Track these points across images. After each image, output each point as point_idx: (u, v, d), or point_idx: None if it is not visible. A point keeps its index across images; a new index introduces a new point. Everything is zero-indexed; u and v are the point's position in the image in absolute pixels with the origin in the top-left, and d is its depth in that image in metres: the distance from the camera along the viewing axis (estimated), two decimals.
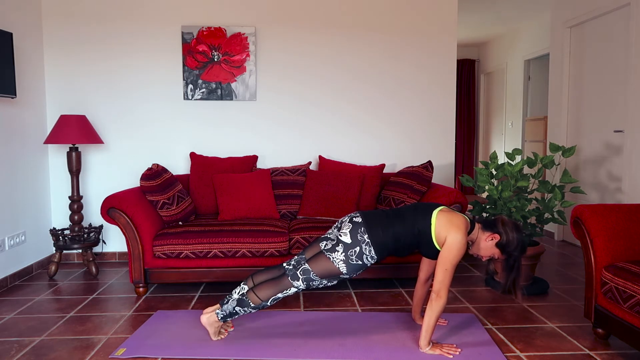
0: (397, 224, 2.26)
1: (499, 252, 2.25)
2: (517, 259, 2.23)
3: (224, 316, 2.32)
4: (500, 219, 2.28)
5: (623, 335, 2.17)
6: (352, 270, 2.27)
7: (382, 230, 2.25)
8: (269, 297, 2.28)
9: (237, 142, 4.04)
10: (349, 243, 2.24)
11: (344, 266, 2.24)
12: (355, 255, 2.24)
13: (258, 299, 2.28)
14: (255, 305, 2.29)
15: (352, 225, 2.28)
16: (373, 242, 2.23)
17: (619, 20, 3.90)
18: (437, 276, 2.17)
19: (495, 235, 2.24)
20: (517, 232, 2.22)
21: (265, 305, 2.31)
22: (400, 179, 3.50)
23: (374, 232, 2.24)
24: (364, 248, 2.24)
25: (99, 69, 3.91)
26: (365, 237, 2.24)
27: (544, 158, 3.15)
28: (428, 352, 2.22)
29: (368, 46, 4.06)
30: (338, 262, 2.24)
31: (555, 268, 3.72)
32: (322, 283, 2.30)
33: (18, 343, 2.38)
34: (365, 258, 2.25)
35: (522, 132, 6.51)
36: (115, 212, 2.97)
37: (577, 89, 4.46)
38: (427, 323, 2.20)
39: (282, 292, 2.28)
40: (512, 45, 6.78)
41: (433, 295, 2.17)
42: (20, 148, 3.52)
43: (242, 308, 2.29)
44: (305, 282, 2.27)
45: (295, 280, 2.27)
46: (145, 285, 3.09)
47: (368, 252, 2.24)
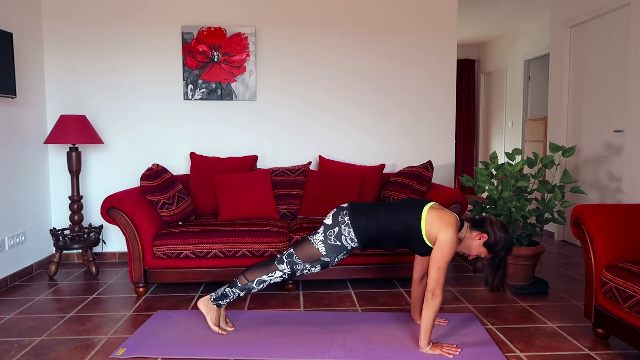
0: (382, 212, 2.30)
1: (486, 251, 2.28)
2: (503, 258, 2.27)
3: (216, 298, 2.43)
4: (489, 219, 2.31)
5: (623, 335, 2.17)
6: (331, 251, 2.30)
7: (365, 216, 2.30)
8: (255, 278, 2.38)
9: (237, 142, 4.04)
10: (329, 224, 2.32)
11: (322, 247, 2.30)
12: (333, 235, 2.29)
13: (245, 279, 2.39)
14: (242, 286, 2.39)
15: (336, 210, 2.36)
16: (353, 224, 2.28)
17: (619, 20, 3.90)
18: (431, 275, 2.18)
19: (483, 234, 2.26)
20: (505, 232, 2.26)
21: (252, 288, 2.39)
22: (400, 179, 3.50)
23: (356, 216, 2.30)
24: (343, 229, 2.29)
25: (99, 69, 3.91)
26: (346, 219, 2.30)
27: (544, 158, 3.15)
28: (428, 352, 2.22)
29: (368, 46, 4.06)
30: (317, 243, 2.31)
31: (555, 268, 3.72)
32: (305, 267, 2.35)
33: (18, 343, 2.38)
34: (344, 239, 2.29)
35: (522, 132, 6.51)
36: (115, 212, 2.97)
37: (577, 89, 4.46)
38: (425, 323, 2.21)
39: (267, 274, 2.37)
40: (512, 45, 6.78)
41: (428, 295, 2.18)
42: (20, 148, 3.52)
43: (231, 289, 2.40)
44: (289, 266, 2.35)
45: (280, 263, 2.36)
46: (145, 285, 3.09)
47: (347, 234, 2.28)
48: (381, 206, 2.36)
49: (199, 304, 2.48)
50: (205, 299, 2.47)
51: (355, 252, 3.11)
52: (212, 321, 2.45)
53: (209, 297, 2.47)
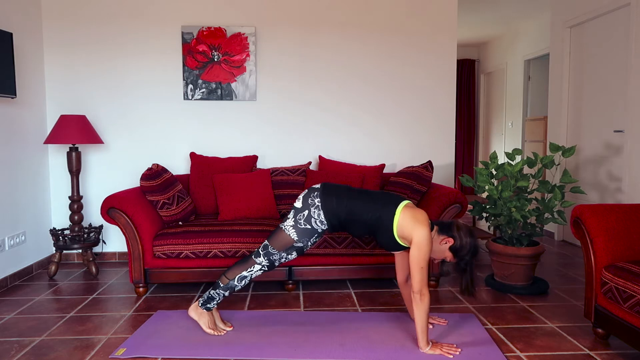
0: (356, 199, 2.32)
1: (451, 255, 2.31)
2: (468, 262, 2.30)
3: (204, 302, 2.45)
4: (455, 223, 2.33)
5: (623, 335, 2.17)
6: (303, 236, 2.32)
7: (337, 199, 2.31)
8: (235, 276, 2.40)
9: (237, 142, 4.04)
10: (299, 207, 2.33)
11: (294, 232, 2.32)
12: (303, 219, 2.31)
13: (226, 279, 2.41)
14: (224, 286, 2.40)
15: (308, 191, 2.36)
16: (323, 207, 2.29)
17: (619, 20, 3.90)
18: (414, 276, 2.19)
19: (449, 239, 2.29)
20: (471, 237, 2.29)
21: (235, 286, 2.41)
22: (400, 179, 3.50)
23: (327, 199, 2.30)
24: (313, 211, 2.30)
25: (99, 69, 3.91)
26: (317, 201, 2.30)
27: (544, 158, 3.15)
28: (428, 352, 2.22)
29: (368, 46, 4.06)
30: (289, 229, 2.33)
31: (555, 268, 3.72)
32: (282, 256, 2.37)
33: (18, 343, 2.38)
34: (314, 222, 2.30)
35: (522, 132, 6.51)
36: (115, 212, 2.97)
37: (577, 89, 4.46)
38: (419, 324, 2.22)
39: (247, 270, 2.40)
40: (512, 45, 6.78)
41: (416, 296, 2.19)
42: (20, 148, 3.52)
43: (215, 291, 2.42)
44: (266, 257, 2.37)
45: (257, 257, 2.39)
46: (145, 285, 3.09)
47: (317, 217, 2.30)
48: (357, 192, 2.36)
49: (190, 312, 2.49)
50: (194, 306, 2.49)
51: (356, 252, 3.11)
52: (206, 325, 2.45)
53: (197, 303, 2.48)
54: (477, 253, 2.31)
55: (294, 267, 3.13)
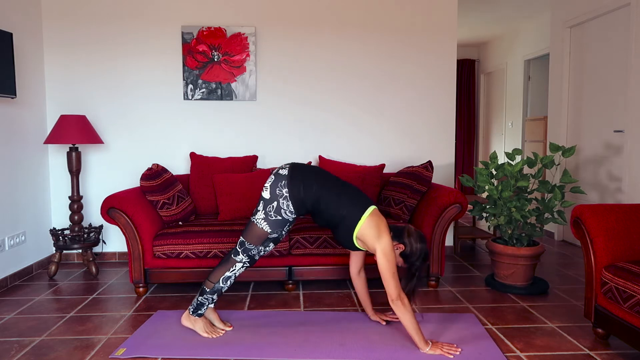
0: (325, 189, 2.30)
1: (402, 260, 2.36)
2: (418, 268, 2.35)
3: (194, 310, 2.45)
4: (407, 229, 2.37)
5: (623, 335, 2.17)
6: (275, 227, 2.33)
7: (305, 187, 2.29)
8: (219, 278, 2.40)
9: (237, 142, 4.04)
10: (267, 199, 2.32)
11: (265, 224, 2.33)
12: (273, 210, 2.31)
13: (211, 283, 2.40)
14: (210, 290, 2.41)
15: (275, 178, 2.33)
16: (291, 197, 2.29)
17: (619, 20, 3.90)
18: (389, 285, 2.20)
19: (400, 245, 2.34)
20: (421, 243, 2.34)
21: (221, 288, 2.41)
22: (400, 179, 3.50)
23: (294, 187, 2.29)
24: (282, 202, 2.30)
25: (99, 69, 3.91)
26: (284, 192, 2.30)
27: (544, 158, 3.15)
28: (429, 352, 2.22)
29: (368, 46, 4.06)
30: (260, 222, 2.33)
31: (555, 268, 3.72)
32: (259, 250, 2.38)
33: (18, 343, 2.38)
34: (284, 213, 2.31)
35: (522, 132, 6.51)
36: (115, 212, 2.97)
37: (577, 89, 4.47)
38: (410, 328, 2.22)
39: (229, 270, 2.40)
40: (512, 45, 6.79)
41: (397, 303, 2.20)
42: (20, 148, 3.52)
43: (202, 296, 2.43)
44: (245, 253, 2.38)
45: (237, 255, 2.39)
46: (145, 285, 3.09)
47: (286, 207, 2.30)
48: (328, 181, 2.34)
49: (183, 322, 2.50)
50: (185, 315, 2.50)
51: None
52: (202, 331, 2.44)
53: (188, 311, 2.48)
54: (427, 260, 2.37)
55: (294, 267, 3.13)
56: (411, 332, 2.22)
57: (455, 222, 4.33)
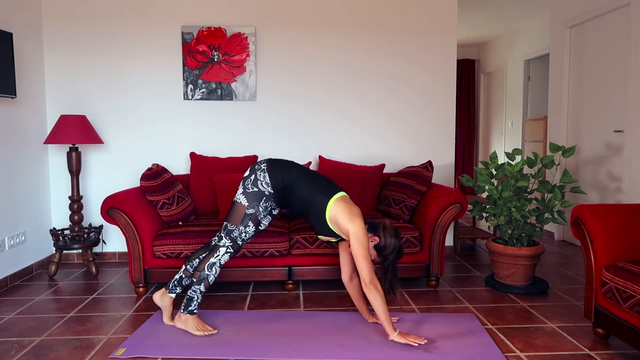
0: (300, 174, 2.43)
1: (375, 254, 2.39)
2: (392, 263, 2.37)
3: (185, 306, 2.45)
4: (382, 223, 2.40)
5: (623, 335, 2.17)
6: (252, 200, 2.40)
7: (281, 169, 2.43)
8: (204, 266, 2.42)
9: (237, 142, 4.04)
10: (246, 175, 2.46)
11: (243, 198, 2.40)
12: (251, 182, 2.41)
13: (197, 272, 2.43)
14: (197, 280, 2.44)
15: (256, 164, 2.48)
16: (268, 170, 2.41)
17: (619, 20, 3.90)
18: (361, 268, 2.25)
19: (374, 237, 2.37)
20: (396, 239, 2.36)
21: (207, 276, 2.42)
22: (400, 179, 3.50)
23: (273, 166, 2.43)
24: (259, 174, 2.42)
25: (99, 69, 3.91)
26: (262, 166, 2.44)
27: (544, 158, 3.15)
28: (396, 339, 2.27)
29: (368, 46, 4.06)
30: (239, 197, 2.42)
31: (555, 268, 3.72)
32: (241, 231, 2.42)
33: (18, 343, 2.38)
34: (260, 184, 2.40)
35: (522, 132, 6.51)
36: (115, 212, 2.97)
37: (577, 89, 4.47)
38: (379, 312, 2.27)
39: (213, 256, 2.43)
40: (512, 45, 6.78)
41: (370, 287, 2.24)
42: (20, 148, 3.52)
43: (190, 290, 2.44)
44: (227, 236, 2.42)
45: (220, 240, 2.43)
46: (145, 285, 3.09)
47: (262, 179, 2.41)
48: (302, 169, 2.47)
49: (176, 323, 2.50)
50: (177, 317, 2.50)
51: None
52: (194, 329, 2.44)
53: (179, 312, 2.49)
54: (401, 255, 2.40)
55: (294, 267, 3.13)
56: (381, 317, 2.28)
57: (455, 222, 4.33)
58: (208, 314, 2.74)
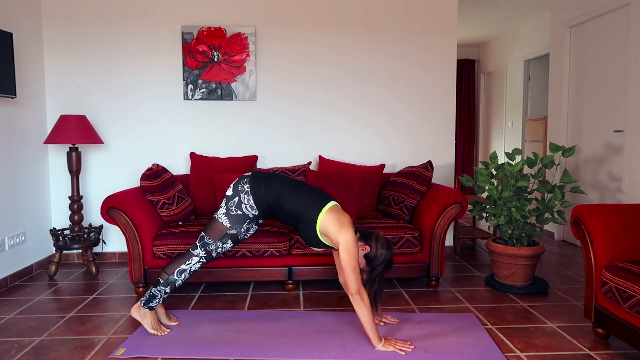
0: (285, 187, 2.38)
1: (364, 262, 2.34)
2: (380, 274, 2.34)
3: (146, 301, 2.44)
4: (376, 234, 2.37)
5: (623, 335, 2.17)
6: (235, 222, 2.36)
7: (265, 186, 2.37)
8: (174, 270, 2.41)
9: (237, 142, 4.04)
10: (230, 195, 2.39)
11: (226, 219, 2.36)
12: (234, 205, 2.36)
13: (166, 275, 2.41)
14: (165, 282, 2.41)
15: (238, 179, 2.42)
16: (252, 192, 2.35)
17: (619, 20, 3.90)
18: (349, 278, 2.22)
19: (366, 246, 2.34)
20: (387, 250, 2.33)
21: (175, 280, 2.41)
22: (400, 179, 3.50)
23: (256, 185, 2.37)
24: (243, 197, 2.36)
25: (99, 69, 3.91)
26: (246, 187, 2.37)
27: (544, 158, 3.15)
28: (382, 349, 2.24)
29: (368, 46, 4.06)
30: (221, 217, 2.37)
31: (555, 268, 3.72)
32: (218, 246, 2.39)
33: (18, 343, 2.38)
34: (244, 208, 2.35)
35: (522, 132, 6.51)
36: (115, 212, 2.97)
37: (577, 89, 4.47)
38: (366, 323, 2.24)
39: (185, 263, 2.41)
40: (512, 45, 6.78)
41: (356, 297, 2.22)
42: (20, 148, 3.52)
43: (156, 288, 2.42)
44: (203, 248, 2.39)
45: (194, 249, 2.41)
46: (145, 285, 3.09)
47: (247, 202, 2.35)
48: (288, 181, 2.42)
49: (132, 313, 2.48)
50: (136, 307, 2.48)
51: None
52: (149, 326, 2.44)
53: (139, 303, 2.47)
54: (390, 267, 2.36)
55: (294, 267, 3.13)
56: (366, 328, 2.25)
57: (455, 222, 4.32)
58: (208, 314, 2.74)
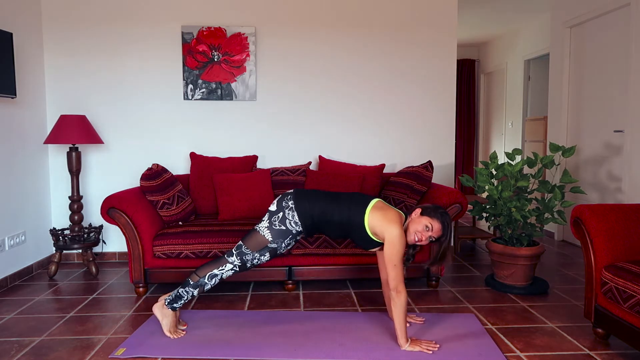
0: (327, 201, 2.39)
1: (427, 218, 2.31)
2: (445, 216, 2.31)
3: (171, 301, 2.42)
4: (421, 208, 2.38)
5: (623, 335, 2.17)
6: (277, 237, 2.36)
7: (309, 202, 2.38)
8: (207, 273, 2.40)
9: (237, 142, 4.04)
10: (273, 210, 2.41)
11: (268, 233, 2.36)
12: (278, 220, 2.37)
13: (197, 277, 2.41)
14: (194, 283, 2.40)
15: (281, 196, 2.43)
16: (296, 208, 2.36)
17: (619, 20, 3.90)
18: (390, 274, 2.24)
19: (415, 210, 2.36)
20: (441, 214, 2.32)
21: (205, 284, 2.40)
22: (400, 179, 3.50)
23: (300, 202, 2.38)
24: (287, 213, 2.36)
25: (99, 69, 3.91)
26: (290, 204, 2.38)
27: (544, 158, 3.15)
28: (408, 349, 2.24)
29: (368, 46, 4.06)
30: (263, 229, 2.37)
31: (555, 268, 3.72)
32: (255, 257, 2.39)
33: (18, 343, 2.38)
34: (288, 223, 2.36)
35: (522, 132, 6.51)
36: (115, 212, 2.97)
37: (577, 89, 4.46)
38: (397, 321, 2.25)
39: (218, 268, 2.41)
40: (512, 45, 6.78)
41: (393, 294, 2.24)
42: (20, 148, 3.52)
43: (184, 289, 2.41)
44: (239, 257, 2.40)
45: (230, 256, 2.41)
46: (145, 285, 3.09)
47: (291, 218, 2.36)
48: (328, 195, 2.43)
49: (154, 310, 2.45)
50: (160, 305, 2.45)
51: (357, 252, 3.10)
52: (167, 327, 2.42)
53: (163, 301, 2.44)
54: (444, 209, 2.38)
55: (294, 267, 3.13)
56: (397, 326, 2.26)
57: (455, 222, 4.32)
58: (208, 314, 2.74)
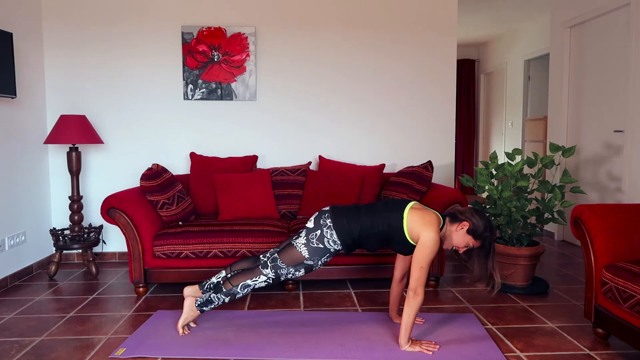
0: (365, 215, 2.34)
1: (471, 238, 2.29)
2: (491, 241, 2.28)
3: (201, 304, 2.42)
4: (457, 209, 2.36)
5: (623, 335, 2.17)
6: (314, 254, 2.32)
7: (347, 219, 2.33)
8: (239, 283, 2.38)
9: (237, 142, 4.04)
10: (311, 227, 2.36)
11: (305, 250, 2.32)
12: (316, 238, 2.32)
13: (230, 285, 2.39)
14: (227, 291, 2.39)
15: (318, 214, 2.39)
16: (335, 227, 2.31)
17: (619, 20, 3.90)
18: (413, 274, 2.21)
19: (463, 223, 2.29)
20: (480, 216, 2.29)
21: (237, 293, 2.40)
22: (400, 179, 3.50)
23: (338, 219, 2.33)
24: (325, 231, 2.32)
25: (99, 69, 3.91)
26: (328, 222, 2.33)
27: (544, 158, 3.15)
28: (408, 350, 2.24)
29: (368, 46, 4.06)
30: (300, 246, 2.33)
31: (555, 268, 3.72)
32: (289, 272, 2.36)
33: (18, 343, 2.38)
34: (327, 242, 2.31)
35: (522, 132, 6.51)
36: (115, 212, 2.97)
37: (577, 89, 4.46)
38: (406, 321, 2.24)
39: (251, 279, 2.39)
40: (512, 45, 6.78)
41: (410, 294, 2.21)
42: (20, 148, 3.52)
43: (216, 294, 2.40)
44: (274, 270, 2.36)
45: (265, 268, 2.38)
46: (145, 285, 3.09)
47: (330, 236, 2.31)
48: (363, 208, 2.38)
49: (186, 302, 2.45)
50: (191, 301, 2.45)
51: (357, 252, 3.10)
52: (183, 322, 2.43)
53: (194, 301, 2.45)
54: (495, 230, 2.30)
55: None
56: (403, 325, 2.25)
57: None
58: (208, 314, 2.74)
